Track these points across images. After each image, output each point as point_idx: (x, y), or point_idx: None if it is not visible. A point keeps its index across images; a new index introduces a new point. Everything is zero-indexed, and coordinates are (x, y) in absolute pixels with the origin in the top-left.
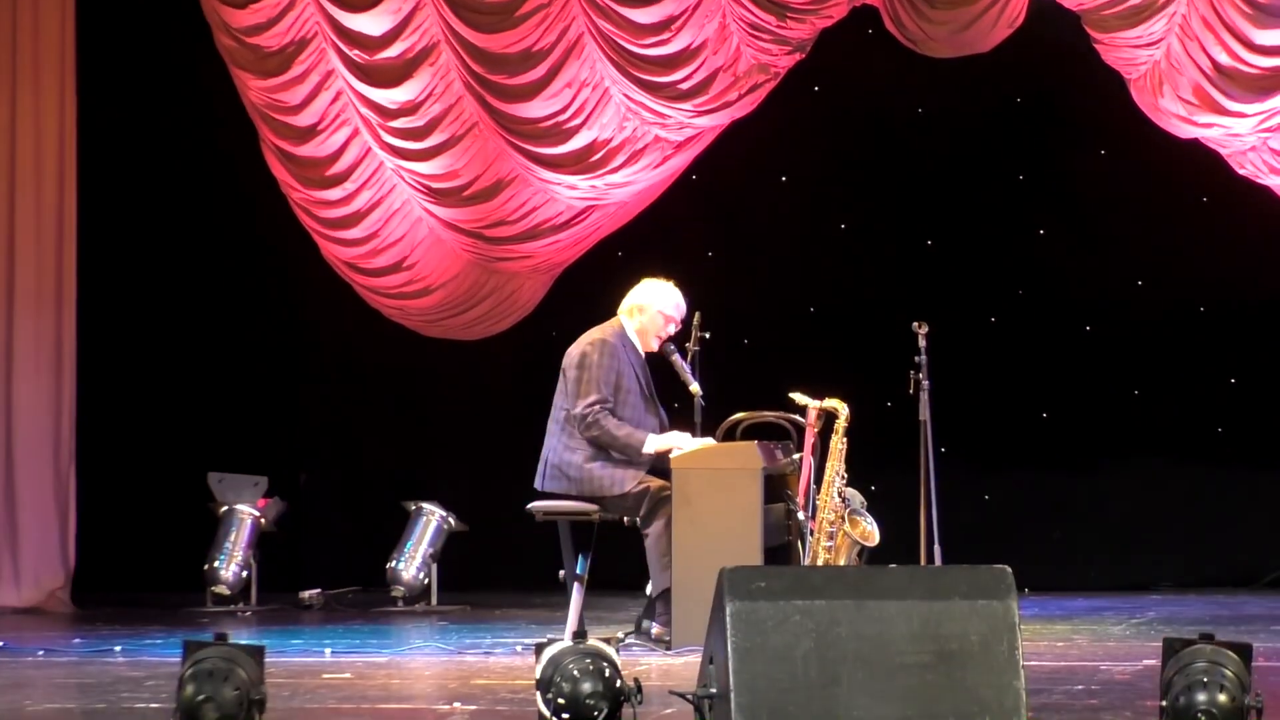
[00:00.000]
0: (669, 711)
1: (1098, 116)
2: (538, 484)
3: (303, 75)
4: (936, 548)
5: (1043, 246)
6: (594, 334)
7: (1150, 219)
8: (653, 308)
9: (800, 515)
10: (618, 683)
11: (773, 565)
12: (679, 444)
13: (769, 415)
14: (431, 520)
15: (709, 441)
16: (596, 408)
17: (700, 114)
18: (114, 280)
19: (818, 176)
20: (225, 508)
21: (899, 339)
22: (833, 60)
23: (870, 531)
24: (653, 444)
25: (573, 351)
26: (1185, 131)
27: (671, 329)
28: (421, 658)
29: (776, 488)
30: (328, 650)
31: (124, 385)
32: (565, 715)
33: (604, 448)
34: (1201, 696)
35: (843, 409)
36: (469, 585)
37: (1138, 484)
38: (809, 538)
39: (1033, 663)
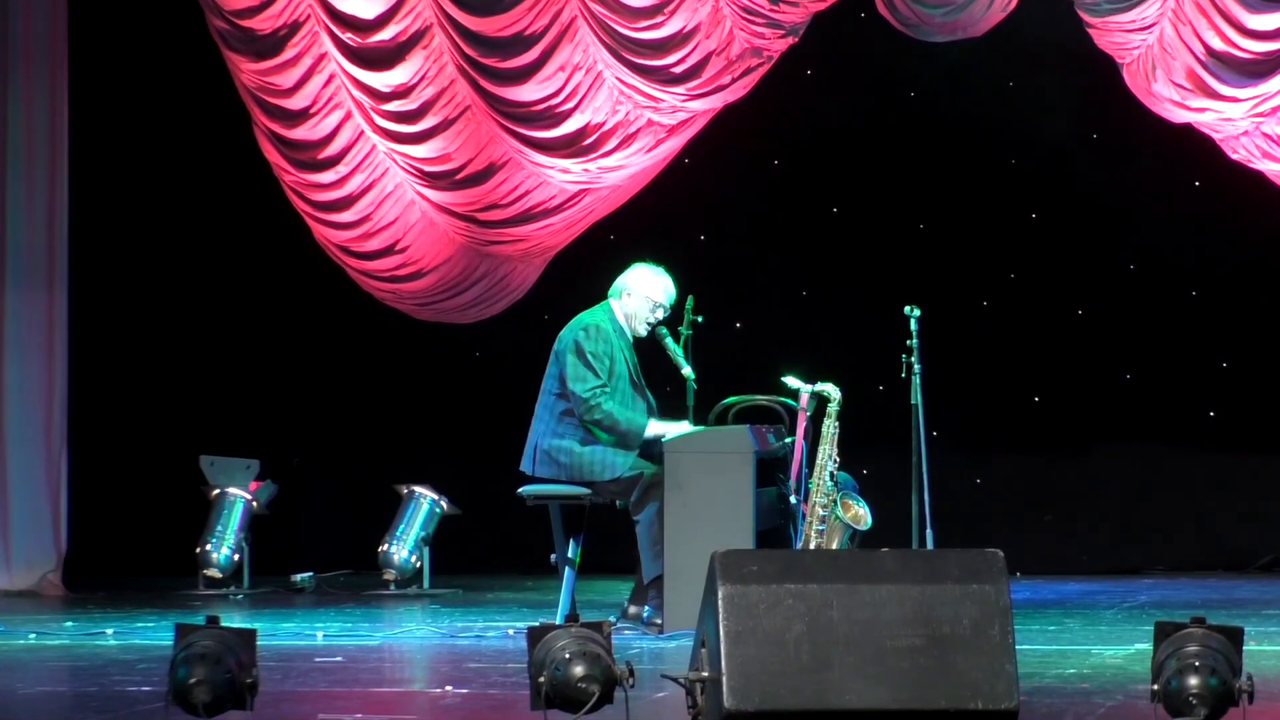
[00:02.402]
0: (661, 695)
1: (1090, 101)
2: (526, 468)
3: (295, 58)
4: (928, 531)
5: (1035, 231)
6: (585, 319)
7: (1142, 204)
8: (641, 293)
9: (792, 499)
10: (610, 666)
11: (765, 549)
12: (680, 432)
13: (761, 399)
14: (424, 504)
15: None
16: (597, 391)
17: (693, 98)
18: (105, 263)
19: (810, 160)
20: (217, 491)
21: (891, 323)
22: (826, 44)
23: (862, 515)
24: (655, 428)
25: (565, 336)
26: (1178, 116)
27: (661, 314)
28: (414, 641)
29: (769, 471)
30: (320, 633)
31: (116, 368)
32: (557, 698)
33: (606, 431)
34: (1193, 680)
35: (835, 393)
36: (461, 569)
37: (1130, 468)
38: (801, 521)
39: (1025, 646)
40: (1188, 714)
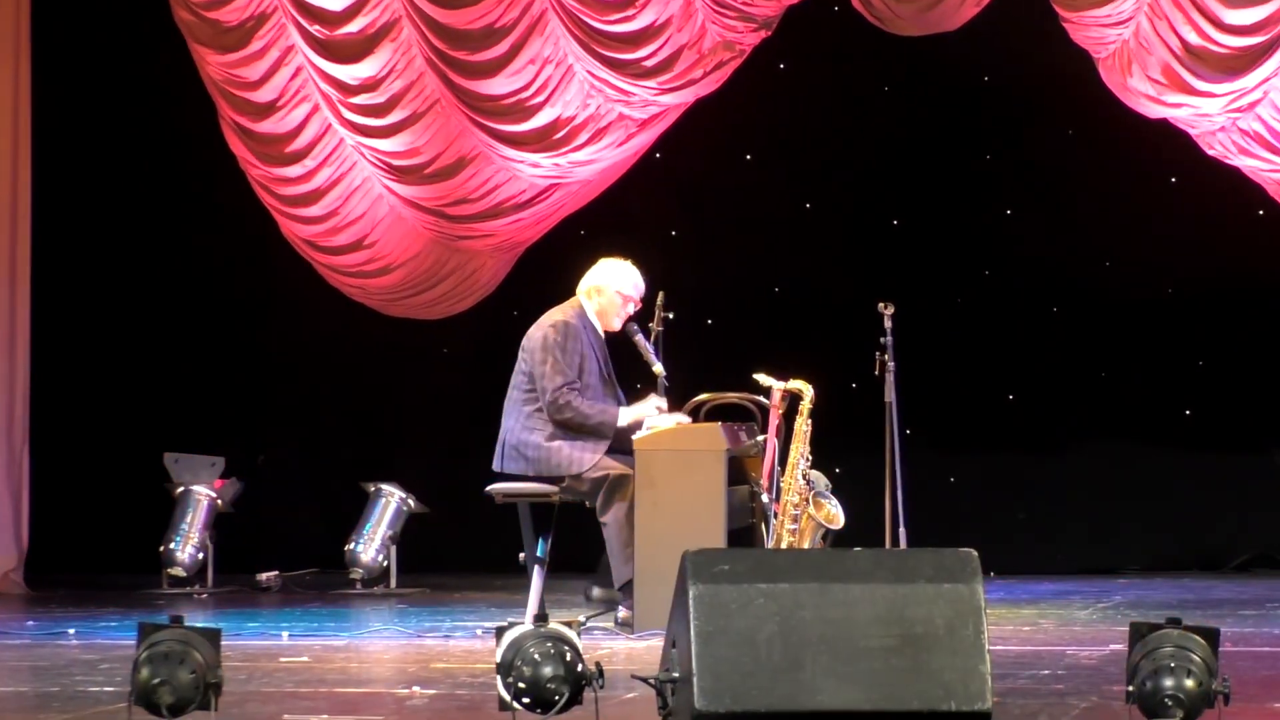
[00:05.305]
0: (631, 695)
1: (1066, 96)
2: (496, 465)
3: (262, 51)
4: (901, 530)
5: (1010, 227)
6: (554, 315)
7: (1118, 200)
8: (611, 288)
9: (764, 498)
10: (579, 666)
11: (736, 548)
12: (652, 412)
13: (733, 396)
14: (391, 502)
15: (680, 417)
16: (565, 389)
17: (664, 92)
18: (69, 258)
19: (783, 155)
20: (181, 488)
21: (864, 320)
22: (799, 38)
23: (834, 514)
24: (626, 416)
25: (534, 333)
26: (1154, 111)
27: (631, 309)
28: (380, 641)
29: (740, 470)
30: (285, 633)
31: (79, 364)
32: (526, 699)
33: (576, 428)
34: (1168, 681)
35: (807, 390)
36: (428, 568)
37: (1105, 467)
38: (773, 520)
39: (998, 647)
40: (1163, 715)
